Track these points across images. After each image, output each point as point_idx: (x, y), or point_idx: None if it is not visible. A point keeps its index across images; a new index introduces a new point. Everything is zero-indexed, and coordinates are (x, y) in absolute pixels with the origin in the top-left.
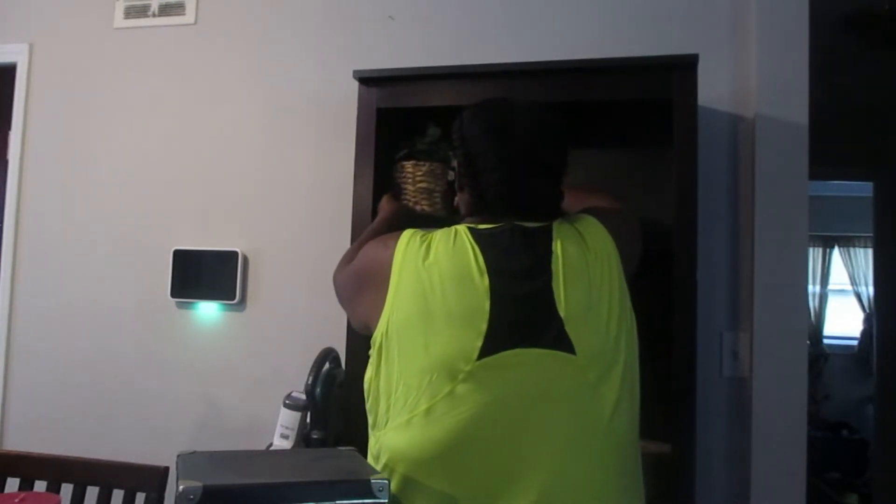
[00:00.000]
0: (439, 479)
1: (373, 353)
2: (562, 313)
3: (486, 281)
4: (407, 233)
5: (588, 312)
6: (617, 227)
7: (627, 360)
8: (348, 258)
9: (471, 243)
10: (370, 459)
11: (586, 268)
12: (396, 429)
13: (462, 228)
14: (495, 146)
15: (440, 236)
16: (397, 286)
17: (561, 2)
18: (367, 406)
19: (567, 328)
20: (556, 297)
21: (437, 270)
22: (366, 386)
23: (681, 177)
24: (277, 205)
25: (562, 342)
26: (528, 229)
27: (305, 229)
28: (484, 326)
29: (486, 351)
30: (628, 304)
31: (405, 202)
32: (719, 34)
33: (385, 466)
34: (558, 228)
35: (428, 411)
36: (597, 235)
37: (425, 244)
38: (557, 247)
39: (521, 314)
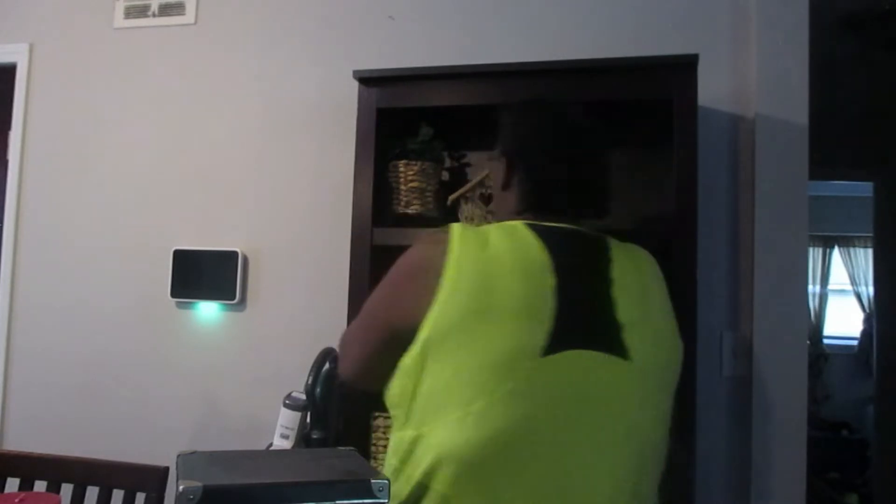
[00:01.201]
0: (493, 480)
1: (412, 356)
2: (621, 319)
3: (552, 279)
4: (457, 226)
5: (645, 322)
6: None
7: (676, 375)
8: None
9: (534, 239)
10: (391, 457)
11: (642, 280)
12: (447, 426)
13: (520, 224)
14: (551, 143)
15: (496, 231)
16: (456, 279)
17: (561, 2)
18: (394, 401)
19: (624, 334)
20: (615, 302)
21: (499, 264)
22: (395, 392)
23: (681, 177)
24: (277, 205)
25: (621, 348)
26: (586, 234)
27: (305, 229)
28: (548, 324)
29: (549, 349)
30: (678, 333)
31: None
32: (719, 34)
33: (431, 466)
34: (611, 239)
35: (485, 408)
36: (649, 264)
37: (482, 237)
38: (615, 255)
39: (583, 315)
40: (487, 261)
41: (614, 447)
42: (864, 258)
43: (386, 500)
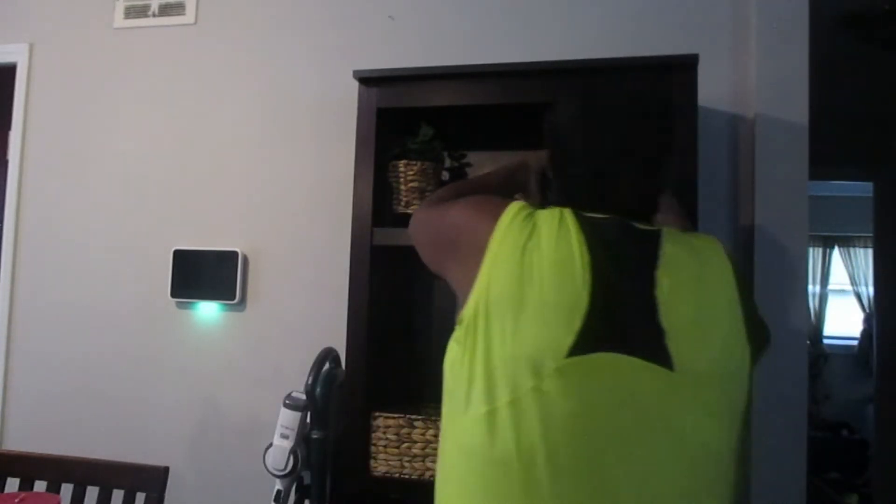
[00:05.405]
0: (517, 487)
1: (460, 329)
2: (664, 324)
3: (589, 275)
4: (514, 206)
5: (694, 329)
6: (737, 263)
7: (741, 384)
8: (442, 197)
9: (576, 230)
10: (441, 447)
11: (703, 278)
12: (475, 421)
13: (568, 213)
14: (582, 135)
15: (546, 217)
16: (493, 264)
17: (561, 2)
18: (447, 388)
19: (667, 341)
20: (659, 305)
21: (538, 254)
22: (448, 365)
23: (681, 177)
24: (277, 205)
25: (660, 355)
26: (637, 229)
27: (305, 229)
28: (578, 323)
29: (576, 349)
30: (750, 336)
31: (399, 198)
32: (719, 34)
33: (456, 461)
34: (669, 234)
35: (511, 405)
36: (715, 257)
37: (531, 223)
38: (666, 253)
39: (619, 317)
40: (528, 251)
41: (653, 465)
42: (864, 258)
43: None
